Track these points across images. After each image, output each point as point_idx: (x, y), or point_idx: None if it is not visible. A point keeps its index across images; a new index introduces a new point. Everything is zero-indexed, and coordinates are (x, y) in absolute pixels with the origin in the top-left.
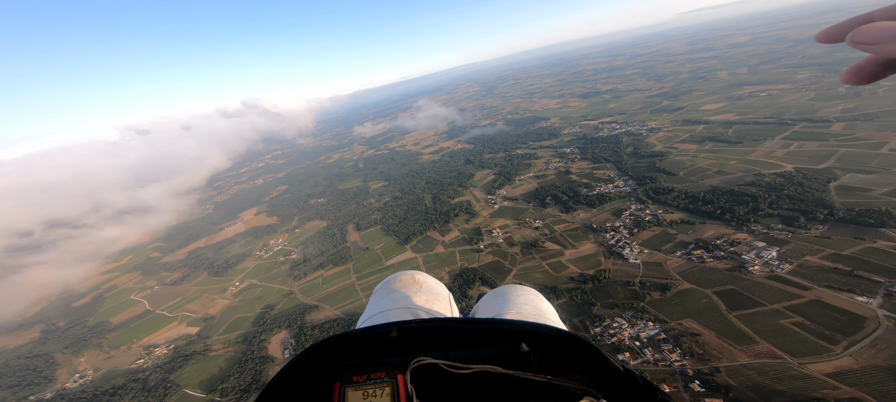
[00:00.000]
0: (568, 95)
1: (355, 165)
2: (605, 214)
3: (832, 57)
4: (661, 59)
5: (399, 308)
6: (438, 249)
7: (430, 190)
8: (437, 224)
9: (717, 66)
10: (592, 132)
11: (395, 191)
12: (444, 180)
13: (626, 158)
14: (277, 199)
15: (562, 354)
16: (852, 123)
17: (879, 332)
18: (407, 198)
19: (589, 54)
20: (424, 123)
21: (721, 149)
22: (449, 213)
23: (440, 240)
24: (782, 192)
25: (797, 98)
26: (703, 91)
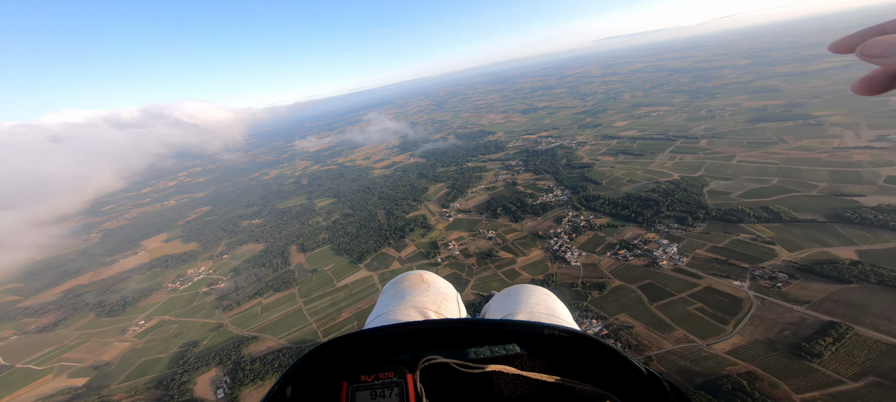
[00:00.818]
0: (511, 111)
1: (298, 182)
2: (548, 221)
3: (694, 85)
4: (583, 81)
5: (407, 308)
6: (395, 265)
7: (383, 205)
8: (393, 240)
9: (622, 88)
10: (533, 146)
11: (345, 208)
12: (398, 195)
13: (562, 170)
14: (197, 222)
15: (576, 355)
16: (712, 140)
17: (753, 310)
18: (359, 215)
19: (526, 73)
20: (375, 137)
21: (630, 160)
22: (404, 228)
23: (396, 256)
24: (674, 196)
25: (675, 119)
26: (614, 110)
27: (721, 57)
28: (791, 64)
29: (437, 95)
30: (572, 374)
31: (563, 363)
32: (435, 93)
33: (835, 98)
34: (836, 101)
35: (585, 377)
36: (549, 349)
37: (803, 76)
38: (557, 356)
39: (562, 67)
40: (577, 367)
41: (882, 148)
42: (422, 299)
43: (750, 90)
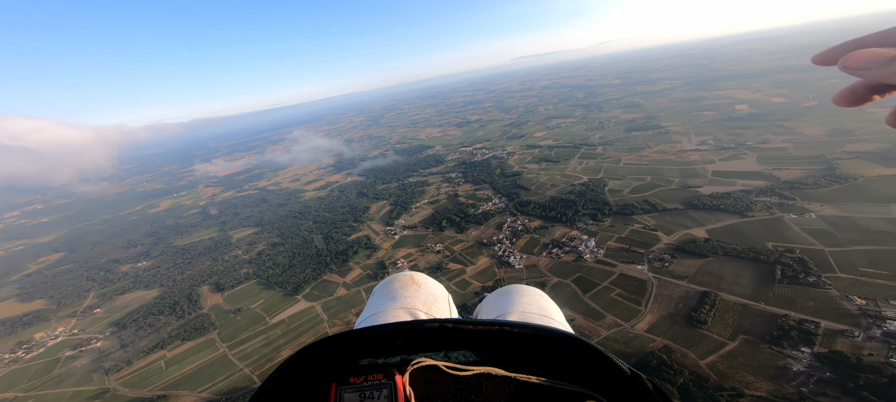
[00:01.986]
0: (446, 125)
1: (204, 213)
2: (490, 229)
3: (588, 100)
4: (506, 95)
5: (397, 309)
6: (340, 291)
7: (320, 230)
8: (335, 265)
9: (538, 102)
10: (469, 158)
11: (273, 236)
12: (337, 217)
13: (497, 179)
14: (43, 274)
15: (566, 356)
16: (605, 146)
17: (654, 290)
18: (290, 243)
19: (457, 88)
20: (304, 157)
21: (550, 167)
22: (347, 251)
23: (340, 281)
24: (586, 196)
25: (578, 129)
26: (533, 122)
27: (601, 77)
28: (644, 84)
29: (372, 111)
30: (560, 375)
31: (552, 364)
32: (369, 108)
33: (674, 112)
34: (674, 114)
35: (573, 377)
36: (537, 350)
37: (651, 95)
38: (546, 358)
39: (487, 82)
40: (565, 368)
41: (705, 149)
42: (412, 301)
43: (623, 105)
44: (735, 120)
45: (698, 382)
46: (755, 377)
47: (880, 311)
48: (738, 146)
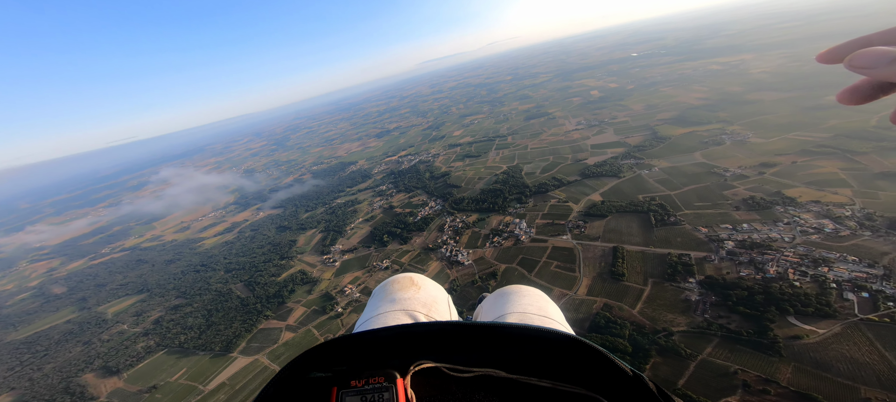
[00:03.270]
0: (365, 137)
1: (41, 294)
2: (433, 233)
3: (491, 97)
4: (419, 100)
5: (397, 311)
6: (285, 336)
7: (238, 278)
8: (270, 310)
9: (449, 103)
10: (397, 167)
11: (170, 299)
12: (257, 260)
13: (428, 182)
14: None
15: (567, 358)
16: (513, 136)
17: (581, 255)
18: (200, 300)
19: (370, 98)
20: (188, 200)
21: (473, 162)
22: (281, 292)
23: (283, 325)
24: (509, 183)
25: (489, 123)
26: (449, 122)
27: (496, 75)
28: (528, 78)
29: (274, 133)
30: (562, 376)
31: (553, 366)
32: (269, 131)
33: (554, 100)
34: (554, 102)
35: (574, 379)
36: (539, 351)
37: (536, 87)
38: (548, 359)
39: (399, 88)
40: (566, 369)
41: (581, 128)
42: (412, 303)
43: (518, 97)
44: (593, 102)
45: (639, 330)
46: (673, 314)
47: (718, 235)
48: (600, 123)
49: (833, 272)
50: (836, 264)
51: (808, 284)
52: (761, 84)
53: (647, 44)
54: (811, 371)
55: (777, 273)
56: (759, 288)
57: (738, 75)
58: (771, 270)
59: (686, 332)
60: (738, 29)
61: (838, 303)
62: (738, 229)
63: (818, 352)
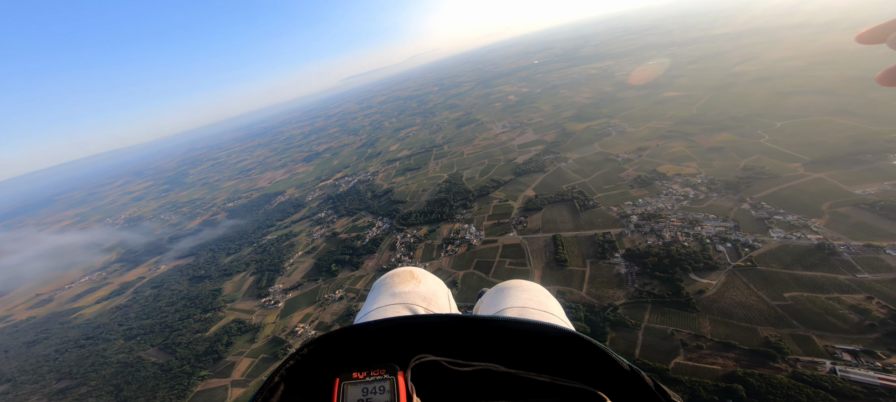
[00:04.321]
0: (291, 163)
1: None
2: (385, 253)
3: (422, 108)
4: (348, 117)
5: (397, 305)
6: (235, 392)
7: (147, 342)
8: (206, 370)
9: (381, 118)
10: (334, 191)
11: (50, 383)
12: (169, 320)
13: (371, 202)
14: None
15: (567, 353)
16: (449, 144)
17: (528, 248)
18: (97, 376)
19: (290, 120)
20: (35, 269)
21: (415, 175)
22: (214, 348)
23: (227, 382)
24: (453, 191)
25: (424, 134)
26: (384, 137)
27: (424, 86)
28: (454, 88)
29: (162, 170)
30: (560, 371)
31: (552, 361)
32: (154, 168)
33: (479, 107)
34: (480, 108)
35: (573, 373)
36: (539, 346)
37: (462, 95)
38: (547, 354)
39: (324, 106)
40: (565, 364)
41: (506, 130)
42: (412, 296)
43: (447, 107)
44: (512, 106)
45: (591, 310)
46: (612, 289)
47: (625, 212)
48: (521, 124)
49: (705, 230)
50: (704, 222)
51: (693, 243)
52: (624, 85)
53: (542, 53)
54: (721, 320)
55: (671, 237)
56: (664, 253)
57: (608, 78)
58: (667, 235)
59: (626, 304)
60: (600, 40)
61: (716, 255)
62: (637, 204)
63: (719, 302)
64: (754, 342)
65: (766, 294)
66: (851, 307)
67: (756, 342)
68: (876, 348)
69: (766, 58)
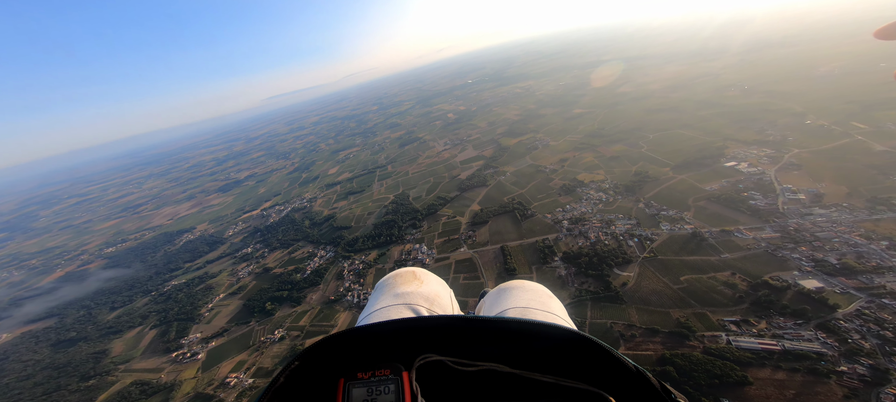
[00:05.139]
0: (201, 194)
1: None
2: (332, 283)
3: (362, 128)
4: (277, 139)
5: (400, 305)
6: None
7: None
8: None
9: (316, 139)
10: (262, 222)
11: None
12: (27, 397)
13: (311, 231)
14: None
15: (570, 353)
16: (393, 164)
17: (480, 262)
18: None
19: (196, 144)
20: None
21: (359, 198)
22: None
23: None
24: (401, 212)
25: (365, 155)
26: (321, 160)
27: (362, 106)
28: (394, 107)
29: None
30: (565, 371)
31: (556, 361)
32: None
33: (421, 125)
34: (421, 127)
35: (577, 374)
36: (542, 346)
37: (402, 114)
38: (551, 354)
39: (242, 129)
40: (569, 364)
41: (448, 148)
42: (414, 297)
43: (388, 126)
44: (451, 124)
45: None
46: (558, 292)
47: (557, 218)
48: (461, 141)
49: (618, 229)
50: (616, 222)
51: (611, 240)
52: (543, 102)
53: (475, 72)
54: (643, 308)
55: (595, 238)
56: (592, 252)
57: (530, 96)
58: (592, 236)
59: (570, 304)
60: (522, 62)
61: (628, 250)
62: (565, 210)
63: (638, 291)
64: (670, 324)
65: (669, 280)
66: (724, 283)
67: (672, 324)
68: (748, 316)
69: (636, 81)
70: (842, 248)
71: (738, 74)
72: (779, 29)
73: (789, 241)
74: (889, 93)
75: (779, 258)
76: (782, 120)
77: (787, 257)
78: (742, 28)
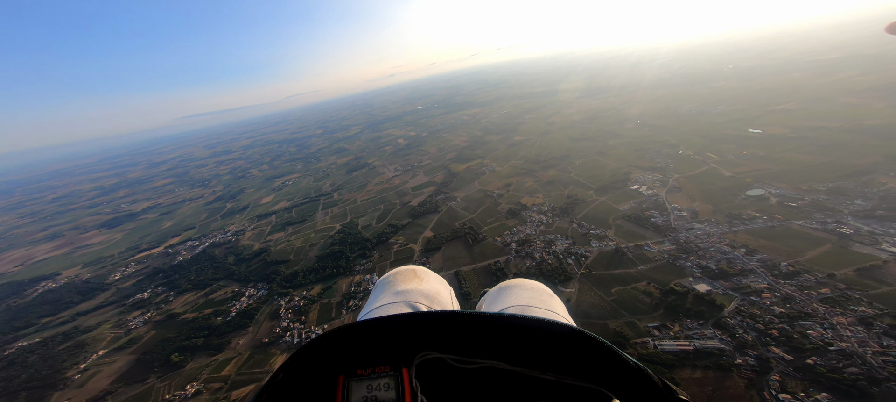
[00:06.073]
0: (73, 231)
1: None
2: (265, 325)
3: (303, 153)
4: (192, 164)
5: (400, 302)
6: None
7: None
8: None
9: (246, 165)
10: (167, 261)
11: None
12: None
13: (236, 268)
14: None
15: (571, 350)
16: (340, 191)
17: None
18: None
19: (74, 169)
20: None
21: (299, 228)
22: None
23: None
24: (348, 242)
25: (307, 182)
26: (252, 187)
27: (304, 129)
28: (341, 131)
29: None
30: (566, 368)
31: (556, 358)
32: None
33: (370, 150)
34: (370, 152)
35: (578, 371)
36: (543, 343)
37: (350, 139)
38: (551, 352)
39: (146, 151)
40: (569, 362)
41: (399, 174)
42: (414, 295)
43: (334, 151)
44: (402, 150)
45: None
46: None
47: (506, 241)
48: (412, 167)
49: (558, 248)
50: (556, 242)
51: (554, 259)
52: (488, 129)
53: (425, 99)
54: (586, 322)
55: (541, 258)
56: (538, 271)
57: (477, 123)
58: (537, 256)
59: None
60: (469, 90)
61: (568, 267)
62: (513, 233)
63: (580, 306)
64: (609, 334)
65: (603, 293)
66: (643, 292)
67: (610, 334)
68: (665, 321)
69: (564, 112)
70: (717, 256)
71: (633, 109)
72: (669, 69)
73: (682, 251)
74: (727, 131)
75: (678, 267)
76: (664, 150)
77: (684, 266)
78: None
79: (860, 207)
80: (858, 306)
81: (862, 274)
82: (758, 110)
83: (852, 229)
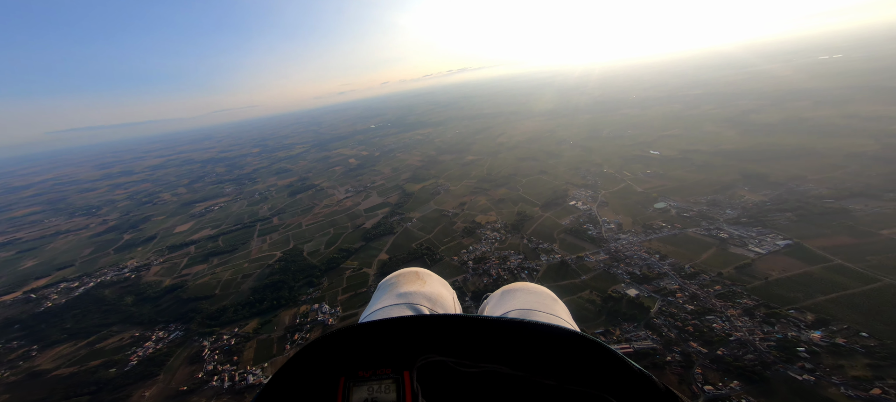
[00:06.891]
0: None
1: None
2: (182, 371)
3: (234, 174)
4: (71, 189)
5: (402, 305)
6: None
7: None
8: None
9: (155, 188)
10: (28, 309)
11: None
12: None
13: (135, 309)
14: None
15: (574, 355)
16: (280, 216)
17: None
18: None
19: None
20: None
21: (227, 258)
22: None
23: None
24: (290, 270)
25: (239, 206)
26: (162, 215)
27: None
28: (283, 150)
29: None
30: (568, 373)
31: (560, 363)
32: None
33: (317, 171)
34: (318, 173)
35: (581, 376)
36: (546, 348)
37: (294, 159)
38: (554, 356)
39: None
40: (572, 367)
41: (350, 195)
42: (416, 297)
43: (274, 172)
44: (353, 170)
45: None
46: None
47: (463, 260)
48: (365, 188)
49: (512, 264)
50: (510, 258)
51: (508, 275)
52: (441, 149)
53: (377, 118)
54: None
55: (496, 274)
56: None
57: (430, 143)
58: (493, 273)
59: None
60: (422, 110)
61: None
62: (469, 251)
63: None
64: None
65: None
66: (588, 301)
67: None
68: (609, 326)
69: (510, 133)
70: (639, 262)
71: (565, 131)
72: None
73: (614, 260)
74: (635, 152)
75: (612, 274)
76: (592, 169)
77: (616, 273)
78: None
79: (730, 215)
80: (742, 299)
81: (740, 271)
82: (654, 135)
83: (728, 233)
